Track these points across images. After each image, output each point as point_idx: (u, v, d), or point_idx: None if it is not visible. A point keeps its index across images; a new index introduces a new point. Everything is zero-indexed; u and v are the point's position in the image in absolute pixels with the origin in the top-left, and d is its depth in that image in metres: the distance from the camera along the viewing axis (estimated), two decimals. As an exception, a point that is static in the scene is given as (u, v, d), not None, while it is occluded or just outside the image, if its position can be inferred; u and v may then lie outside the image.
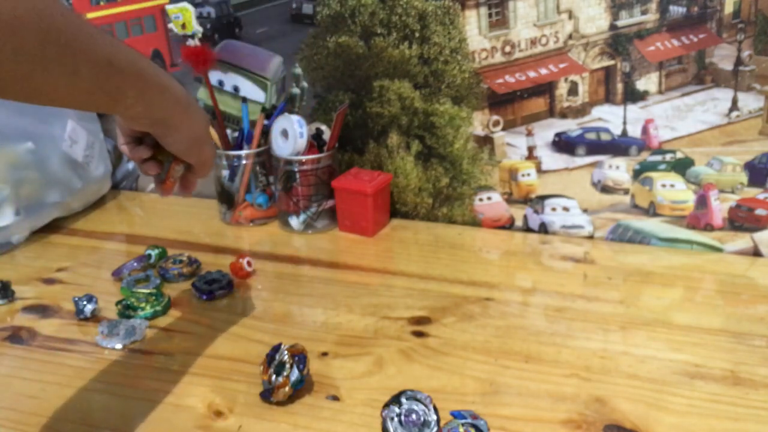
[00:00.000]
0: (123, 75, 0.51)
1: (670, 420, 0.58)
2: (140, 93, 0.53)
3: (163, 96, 0.56)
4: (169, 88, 0.57)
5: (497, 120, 0.95)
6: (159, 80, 0.56)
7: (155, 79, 0.55)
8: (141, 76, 0.53)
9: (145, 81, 0.54)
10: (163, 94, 0.56)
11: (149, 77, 0.54)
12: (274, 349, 0.64)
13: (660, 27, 0.85)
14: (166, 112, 0.58)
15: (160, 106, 0.57)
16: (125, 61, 0.51)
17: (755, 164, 0.86)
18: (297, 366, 0.61)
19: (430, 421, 0.55)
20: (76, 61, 0.46)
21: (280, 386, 0.60)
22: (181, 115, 0.59)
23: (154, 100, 0.55)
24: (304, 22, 0.99)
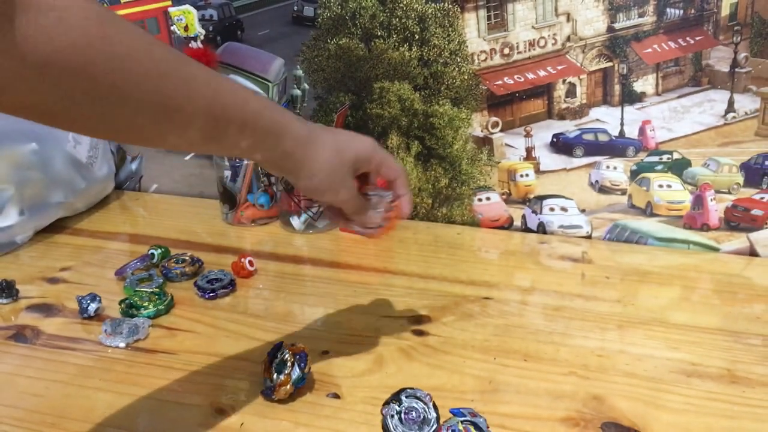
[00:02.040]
0: (228, 123, 0.47)
1: (667, 418, 0.59)
2: (252, 139, 0.50)
3: (279, 138, 0.52)
4: (285, 126, 0.53)
5: (496, 121, 0.96)
6: (271, 122, 0.51)
7: (266, 122, 0.51)
8: (248, 122, 0.49)
9: (254, 126, 0.50)
10: (279, 136, 0.52)
11: (259, 120, 0.50)
12: (276, 347, 0.65)
13: (657, 29, 0.86)
14: (284, 153, 0.53)
15: (275, 149, 0.52)
16: (231, 107, 0.47)
17: (751, 165, 0.87)
18: (298, 364, 0.62)
19: (429, 418, 0.56)
20: (168, 111, 0.43)
21: (281, 384, 0.61)
22: (303, 152, 0.54)
23: (268, 143, 0.51)
24: (305, 25, 1.00)
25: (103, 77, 0.40)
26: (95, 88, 0.40)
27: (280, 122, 0.53)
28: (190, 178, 1.17)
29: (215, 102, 0.47)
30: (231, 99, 0.48)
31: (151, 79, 0.42)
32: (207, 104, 0.46)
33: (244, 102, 0.49)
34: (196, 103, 0.45)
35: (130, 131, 0.45)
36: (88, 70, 0.39)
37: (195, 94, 0.45)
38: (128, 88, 0.41)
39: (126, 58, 0.41)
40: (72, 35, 0.38)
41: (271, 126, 0.51)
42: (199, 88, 0.45)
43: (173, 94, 0.44)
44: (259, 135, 0.51)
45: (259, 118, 0.51)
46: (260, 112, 0.51)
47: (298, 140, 0.54)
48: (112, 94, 0.41)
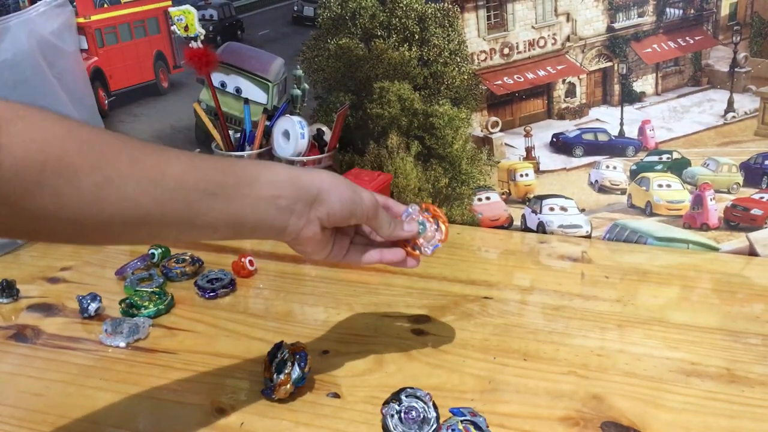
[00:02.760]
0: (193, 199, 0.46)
1: (667, 417, 0.59)
2: (227, 206, 0.49)
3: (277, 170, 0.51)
4: (269, 165, 0.52)
5: (496, 121, 0.96)
6: (253, 165, 0.50)
7: (245, 166, 0.50)
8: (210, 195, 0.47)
9: (226, 200, 0.48)
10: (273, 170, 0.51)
11: (228, 190, 0.48)
12: (276, 347, 0.65)
13: (657, 29, 0.86)
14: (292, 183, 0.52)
15: (256, 205, 0.50)
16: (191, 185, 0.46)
17: (751, 164, 0.87)
18: (298, 364, 0.62)
19: (429, 418, 0.56)
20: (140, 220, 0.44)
21: (281, 384, 0.61)
22: (308, 175, 0.53)
23: (247, 203, 0.50)
24: (305, 25, 1.00)
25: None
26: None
27: (264, 166, 0.52)
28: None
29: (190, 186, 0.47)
30: (209, 175, 0.48)
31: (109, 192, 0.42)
32: (181, 194, 0.46)
33: (234, 164, 0.50)
34: (169, 206, 0.45)
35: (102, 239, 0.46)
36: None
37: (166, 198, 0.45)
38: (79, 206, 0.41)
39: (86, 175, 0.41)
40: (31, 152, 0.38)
41: (257, 170, 0.51)
42: (169, 180, 0.45)
43: (143, 202, 0.44)
44: (250, 181, 0.50)
45: (242, 170, 0.50)
46: (240, 164, 0.50)
47: (291, 170, 0.53)
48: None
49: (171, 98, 1.14)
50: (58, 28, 1.03)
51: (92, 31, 1.10)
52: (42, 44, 0.99)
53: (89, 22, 1.09)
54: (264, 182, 0.51)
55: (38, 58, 0.98)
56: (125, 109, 1.16)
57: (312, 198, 0.53)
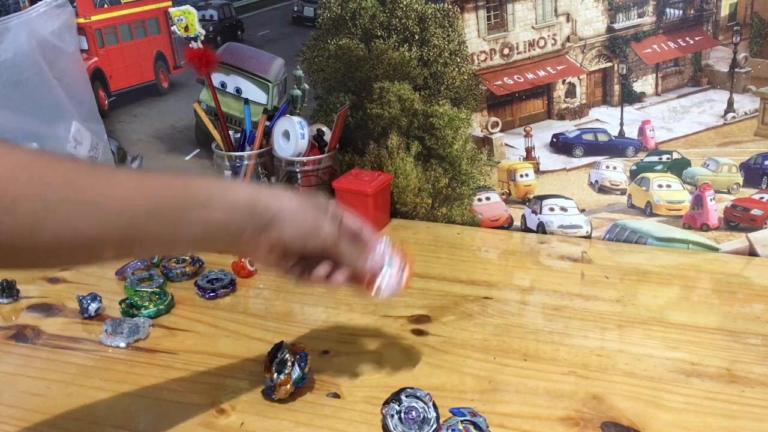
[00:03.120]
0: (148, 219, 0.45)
1: (667, 417, 0.59)
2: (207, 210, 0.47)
3: (230, 193, 0.49)
4: (227, 185, 0.50)
5: (496, 121, 0.96)
6: (210, 183, 0.49)
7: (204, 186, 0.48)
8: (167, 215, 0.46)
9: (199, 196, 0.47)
10: (228, 192, 0.49)
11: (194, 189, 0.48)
12: (276, 347, 0.65)
13: (657, 29, 0.86)
14: (247, 204, 0.50)
15: (204, 230, 0.48)
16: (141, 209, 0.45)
17: (750, 165, 0.87)
18: (298, 364, 0.62)
19: (429, 418, 0.56)
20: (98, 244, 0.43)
21: (281, 384, 0.61)
22: (267, 198, 0.51)
23: (194, 227, 0.48)
24: (305, 25, 1.00)
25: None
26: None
27: (221, 186, 0.50)
28: (191, 178, 1.17)
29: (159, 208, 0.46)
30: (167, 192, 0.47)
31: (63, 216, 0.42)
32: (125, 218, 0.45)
33: (187, 185, 0.48)
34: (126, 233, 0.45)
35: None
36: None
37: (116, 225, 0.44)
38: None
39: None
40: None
41: (212, 191, 0.49)
42: (114, 203, 0.44)
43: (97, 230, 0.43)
44: (201, 205, 0.48)
45: (196, 190, 0.48)
46: (194, 184, 0.49)
47: (250, 192, 0.51)
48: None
49: (171, 98, 1.14)
50: (58, 28, 1.03)
51: (92, 31, 1.10)
52: (42, 44, 0.99)
53: (89, 22, 1.09)
54: (216, 206, 0.49)
55: (38, 58, 0.98)
56: (125, 109, 1.16)
57: (264, 224, 0.51)
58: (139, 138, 1.18)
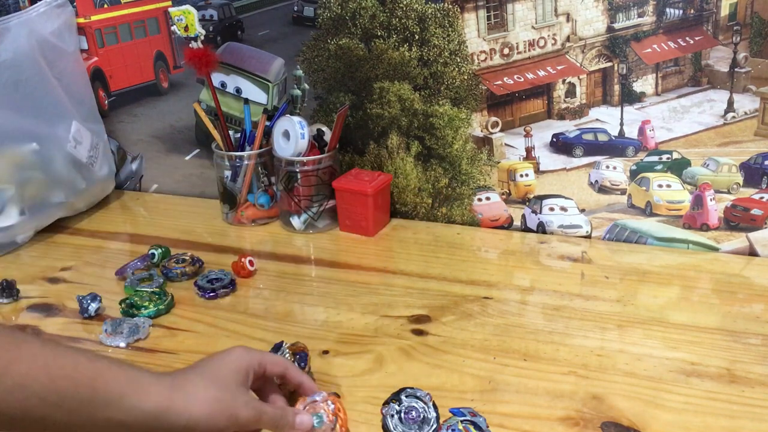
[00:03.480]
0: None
1: (667, 417, 0.59)
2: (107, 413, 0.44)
3: (139, 399, 0.46)
4: (139, 386, 0.47)
5: (496, 121, 0.96)
6: (120, 385, 0.46)
7: (113, 386, 0.45)
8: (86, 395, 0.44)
9: (95, 398, 0.44)
10: (137, 397, 0.46)
11: (100, 385, 0.45)
12: (276, 347, 0.65)
13: (657, 29, 0.86)
14: (155, 415, 0.47)
15: (141, 413, 0.46)
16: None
17: (750, 164, 0.87)
18: (299, 364, 0.62)
19: (429, 418, 0.56)
20: None
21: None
22: (176, 404, 0.48)
23: (127, 409, 0.45)
24: (305, 25, 1.00)
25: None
26: None
27: (132, 382, 0.47)
28: (191, 178, 1.17)
29: (35, 390, 0.43)
30: (60, 381, 0.44)
31: None
32: (22, 396, 0.42)
33: (99, 377, 0.45)
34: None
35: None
36: None
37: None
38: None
39: None
40: None
41: (120, 389, 0.46)
42: (13, 377, 0.42)
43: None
44: (106, 403, 0.45)
45: (104, 384, 0.45)
46: (102, 376, 0.45)
47: (162, 395, 0.48)
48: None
49: (171, 98, 1.14)
50: (58, 28, 1.03)
51: (92, 31, 1.10)
52: (42, 44, 0.99)
53: (89, 22, 1.09)
54: (122, 408, 0.45)
55: (38, 58, 0.98)
56: (125, 109, 1.16)
57: (176, 430, 0.48)
58: (139, 138, 1.18)
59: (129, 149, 1.20)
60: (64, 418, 0.44)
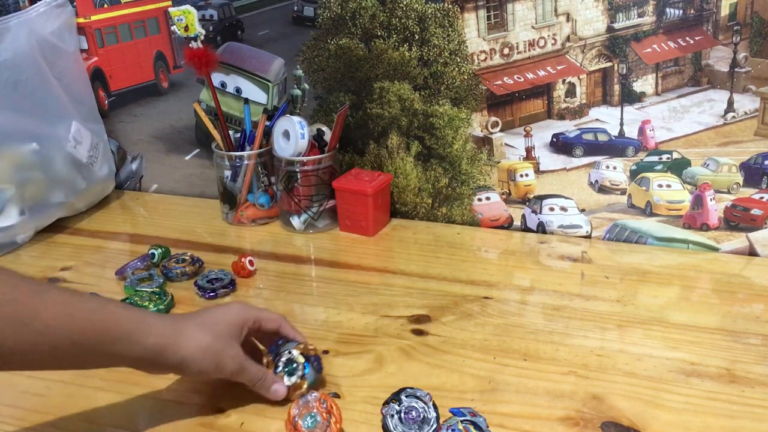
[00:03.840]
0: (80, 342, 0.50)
1: (667, 417, 0.59)
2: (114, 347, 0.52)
3: (142, 337, 0.53)
4: (145, 326, 0.54)
5: (496, 121, 0.96)
6: (127, 324, 0.53)
7: (122, 325, 0.53)
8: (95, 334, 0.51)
9: (104, 334, 0.52)
10: (142, 335, 0.53)
11: (110, 326, 0.52)
12: (277, 343, 0.64)
13: (657, 29, 0.86)
14: (155, 351, 0.54)
15: (143, 349, 0.53)
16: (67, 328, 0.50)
17: (750, 164, 0.87)
18: (312, 365, 0.62)
19: (429, 418, 0.56)
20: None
21: (296, 388, 0.61)
22: (174, 345, 0.55)
23: (130, 345, 0.53)
24: (305, 25, 1.00)
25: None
26: None
27: (138, 322, 0.54)
28: (191, 178, 1.17)
29: (78, 336, 0.50)
30: (89, 323, 0.51)
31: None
32: (49, 338, 0.49)
33: (108, 318, 0.52)
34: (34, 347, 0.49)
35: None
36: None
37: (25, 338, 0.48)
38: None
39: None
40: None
41: (128, 328, 0.53)
42: (41, 322, 0.48)
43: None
44: (115, 340, 0.52)
45: (114, 325, 0.52)
46: (113, 318, 0.53)
47: (162, 335, 0.55)
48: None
49: (171, 98, 1.14)
50: (58, 28, 1.03)
51: (92, 31, 1.10)
52: (42, 44, 0.99)
53: (89, 22, 1.09)
54: (129, 343, 0.53)
55: (38, 58, 0.98)
56: (125, 109, 1.16)
57: (169, 366, 0.56)
58: (139, 138, 1.18)
59: (129, 149, 1.20)
60: (82, 355, 0.51)
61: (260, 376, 0.60)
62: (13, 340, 0.47)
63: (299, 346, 0.64)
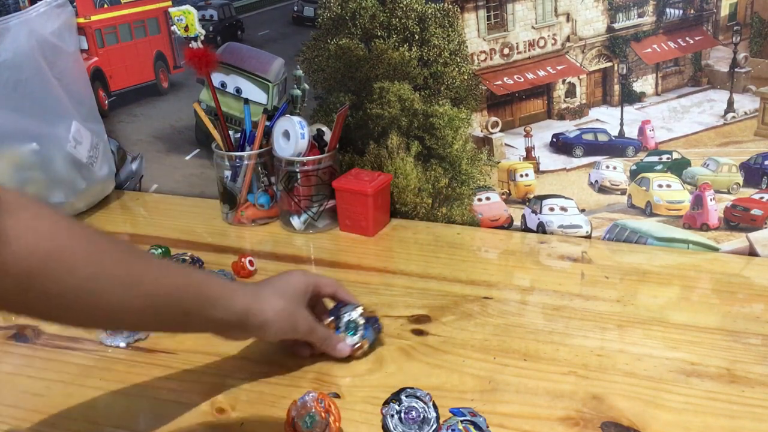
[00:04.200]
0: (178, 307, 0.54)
1: (667, 417, 0.59)
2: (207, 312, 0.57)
3: (231, 300, 0.58)
4: (232, 291, 0.59)
5: (496, 121, 0.96)
6: (219, 289, 0.58)
7: (213, 290, 0.57)
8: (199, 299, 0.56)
9: (204, 299, 0.56)
10: (230, 299, 0.58)
11: (208, 293, 0.57)
12: (338, 308, 0.70)
13: (657, 29, 0.86)
14: (242, 314, 0.59)
15: (231, 313, 0.58)
16: (177, 295, 0.54)
17: (750, 164, 0.87)
18: (373, 327, 0.69)
19: (429, 418, 0.56)
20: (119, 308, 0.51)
21: (358, 348, 0.68)
22: (257, 307, 0.60)
23: (223, 308, 0.58)
24: (305, 25, 1.00)
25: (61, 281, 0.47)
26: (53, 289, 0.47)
27: (226, 288, 0.59)
28: (191, 178, 1.17)
29: (176, 301, 0.54)
30: (184, 288, 0.55)
31: (99, 280, 0.49)
32: (153, 300, 0.53)
33: (200, 284, 0.57)
34: (143, 300, 0.52)
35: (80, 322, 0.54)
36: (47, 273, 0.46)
37: (140, 292, 0.52)
38: (81, 289, 0.48)
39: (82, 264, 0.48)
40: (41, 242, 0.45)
41: (219, 293, 0.58)
42: (147, 285, 0.52)
43: (122, 294, 0.51)
44: (209, 304, 0.57)
45: (207, 290, 0.57)
46: (206, 284, 0.57)
47: (246, 300, 0.60)
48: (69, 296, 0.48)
49: (171, 98, 1.14)
50: (58, 28, 1.03)
51: (92, 31, 1.10)
52: (42, 44, 0.99)
53: (89, 22, 1.09)
54: (219, 307, 0.57)
55: (38, 58, 0.98)
56: (125, 109, 1.16)
57: (252, 328, 0.61)
58: (139, 138, 1.18)
59: (129, 149, 1.20)
60: (181, 317, 0.55)
61: (327, 335, 0.67)
62: (124, 301, 0.50)
63: (358, 309, 0.69)
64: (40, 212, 0.47)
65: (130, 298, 0.51)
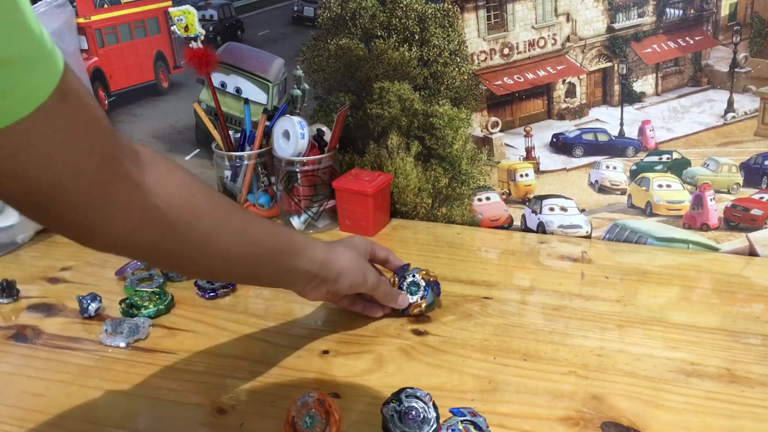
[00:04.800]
0: (280, 255, 0.61)
1: (667, 417, 0.59)
2: (300, 262, 0.63)
3: (314, 250, 0.64)
4: (313, 243, 0.65)
5: (496, 121, 0.96)
6: (306, 241, 0.64)
7: (302, 241, 0.64)
8: (292, 249, 0.62)
9: (299, 249, 0.62)
10: (313, 248, 0.64)
11: (303, 243, 0.63)
12: (403, 268, 0.76)
13: (657, 29, 0.86)
14: (323, 262, 0.65)
15: (315, 261, 0.64)
16: (278, 242, 0.61)
17: (750, 164, 0.87)
18: (433, 289, 0.74)
19: (429, 418, 0.56)
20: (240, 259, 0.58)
21: (416, 306, 0.74)
22: (334, 257, 0.66)
23: (311, 256, 0.64)
24: (305, 25, 1.00)
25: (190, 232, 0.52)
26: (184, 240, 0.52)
27: (307, 240, 0.65)
28: (191, 178, 1.17)
29: (272, 249, 0.61)
30: (278, 238, 0.61)
31: (224, 234, 0.55)
32: (256, 248, 0.59)
33: (289, 235, 0.64)
34: (260, 254, 0.59)
35: (198, 272, 0.65)
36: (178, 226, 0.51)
37: (257, 249, 0.59)
38: (204, 242, 0.54)
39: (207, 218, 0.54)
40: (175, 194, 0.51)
41: (302, 244, 0.63)
42: (253, 233, 0.58)
43: (241, 245, 0.57)
44: (295, 253, 0.62)
45: (294, 240, 0.63)
46: (291, 235, 0.64)
47: (324, 252, 0.65)
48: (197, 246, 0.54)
49: (171, 98, 1.14)
50: (58, 28, 1.03)
51: (92, 31, 1.10)
52: (42, 44, 0.99)
53: (89, 22, 1.09)
54: (305, 256, 0.63)
55: (38, 58, 0.98)
56: (125, 109, 1.16)
57: (330, 278, 0.66)
58: (139, 138, 1.18)
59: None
60: (273, 265, 0.62)
61: (391, 288, 0.74)
62: (236, 249, 0.56)
63: (422, 272, 0.75)
64: (171, 166, 0.52)
65: (241, 245, 0.56)
